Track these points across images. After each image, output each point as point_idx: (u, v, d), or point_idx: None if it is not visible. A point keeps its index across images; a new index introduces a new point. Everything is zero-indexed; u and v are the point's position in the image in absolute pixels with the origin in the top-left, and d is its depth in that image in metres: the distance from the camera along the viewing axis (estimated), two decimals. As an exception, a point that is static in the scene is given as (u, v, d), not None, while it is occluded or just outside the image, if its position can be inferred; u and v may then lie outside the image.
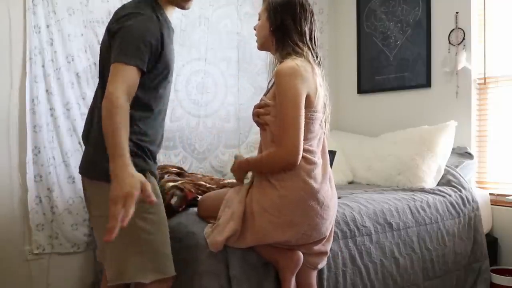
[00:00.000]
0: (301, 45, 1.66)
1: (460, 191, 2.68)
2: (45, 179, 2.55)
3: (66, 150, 2.60)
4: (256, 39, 1.78)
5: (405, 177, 2.78)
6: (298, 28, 1.67)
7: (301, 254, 1.70)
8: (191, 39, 3.10)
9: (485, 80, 2.96)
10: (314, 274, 1.81)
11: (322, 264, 1.82)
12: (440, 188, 2.67)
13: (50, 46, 2.56)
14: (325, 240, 1.75)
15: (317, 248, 1.73)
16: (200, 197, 2.00)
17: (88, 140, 1.64)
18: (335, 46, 3.85)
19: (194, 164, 3.13)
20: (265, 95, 1.74)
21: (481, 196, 2.83)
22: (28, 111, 2.50)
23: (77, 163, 1.79)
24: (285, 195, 1.60)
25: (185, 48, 3.07)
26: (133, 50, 1.45)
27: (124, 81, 1.41)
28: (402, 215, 2.31)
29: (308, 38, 1.69)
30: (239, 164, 1.74)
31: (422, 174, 2.73)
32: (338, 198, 1.91)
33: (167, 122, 2.15)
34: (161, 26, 1.55)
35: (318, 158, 1.67)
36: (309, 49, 1.67)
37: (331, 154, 1.90)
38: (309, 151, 1.63)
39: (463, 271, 2.58)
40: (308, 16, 1.70)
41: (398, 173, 2.83)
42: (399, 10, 3.39)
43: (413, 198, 2.46)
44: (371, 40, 3.59)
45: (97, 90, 1.67)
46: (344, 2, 3.73)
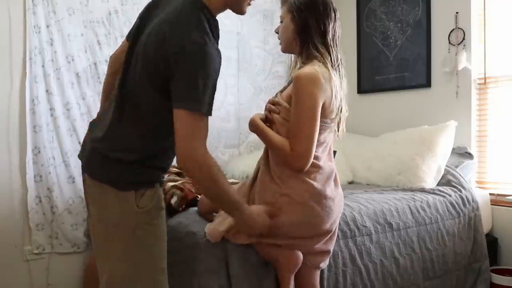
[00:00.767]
0: (321, 48, 1.64)
1: (460, 191, 2.67)
2: (45, 179, 2.55)
3: (66, 150, 2.60)
4: (280, 42, 1.76)
5: (405, 177, 2.78)
6: (321, 28, 1.65)
7: (301, 254, 1.69)
8: (191, 39, 3.10)
9: (485, 80, 2.96)
10: (317, 274, 1.79)
11: (325, 264, 1.81)
12: (440, 188, 2.67)
13: (50, 46, 2.57)
14: (327, 239, 1.74)
15: (318, 247, 1.72)
16: (200, 197, 2.01)
17: (105, 145, 1.45)
18: (335, 46, 3.85)
19: (194, 164, 3.13)
20: (281, 92, 1.74)
21: (481, 196, 2.82)
22: (28, 111, 2.50)
23: (77, 163, 1.77)
24: (287, 194, 1.62)
25: (185, 48, 3.07)
26: (210, 98, 1.33)
27: (204, 136, 1.34)
28: (402, 215, 2.31)
29: (331, 38, 1.67)
30: (253, 122, 1.70)
31: (422, 174, 2.73)
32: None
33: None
34: (220, 58, 1.39)
35: (324, 163, 1.69)
36: (329, 53, 1.65)
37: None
38: (314, 157, 1.64)
39: (463, 271, 2.58)
40: (331, 14, 1.67)
41: (398, 173, 2.83)
42: (399, 10, 3.39)
43: (413, 198, 2.46)
44: (371, 40, 3.58)
45: (126, 109, 1.41)
46: (344, 2, 3.72)
